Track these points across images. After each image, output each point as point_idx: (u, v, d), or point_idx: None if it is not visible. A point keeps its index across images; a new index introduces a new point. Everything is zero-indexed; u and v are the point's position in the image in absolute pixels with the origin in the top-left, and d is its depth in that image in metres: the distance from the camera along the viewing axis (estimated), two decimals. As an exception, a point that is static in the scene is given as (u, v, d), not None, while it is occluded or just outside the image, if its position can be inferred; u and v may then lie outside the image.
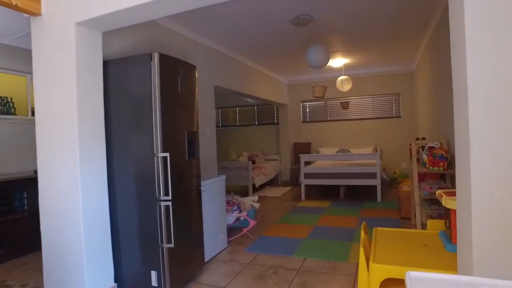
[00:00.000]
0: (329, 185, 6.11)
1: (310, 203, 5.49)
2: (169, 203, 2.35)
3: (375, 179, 5.43)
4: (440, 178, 3.45)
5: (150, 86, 2.33)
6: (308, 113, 8.23)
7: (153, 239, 2.36)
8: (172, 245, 2.36)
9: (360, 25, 4.05)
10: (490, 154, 1.14)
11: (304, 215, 4.73)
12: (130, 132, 2.43)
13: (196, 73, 2.83)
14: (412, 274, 0.96)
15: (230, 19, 3.68)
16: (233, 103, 8.69)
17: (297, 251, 3.26)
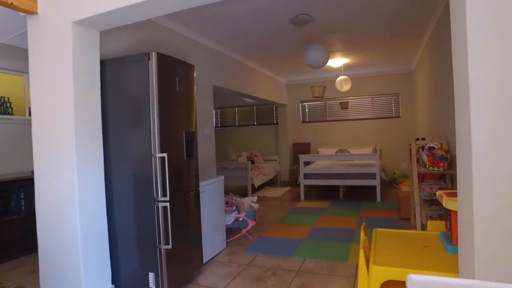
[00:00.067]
0: (328, 186, 6.09)
1: (309, 204, 5.47)
2: (167, 204, 2.33)
3: (375, 180, 5.41)
4: (440, 179, 3.43)
5: (147, 86, 2.31)
6: (307, 113, 8.21)
7: (151, 240, 2.34)
8: (170, 247, 2.34)
9: (360, 24, 4.03)
10: (493, 154, 1.12)
11: (303, 215, 4.71)
12: (127, 132, 2.40)
13: (194, 72, 2.81)
14: (413, 277, 0.95)
15: (228, 18, 3.66)
16: (232, 103, 8.67)
17: (296, 252, 3.24)
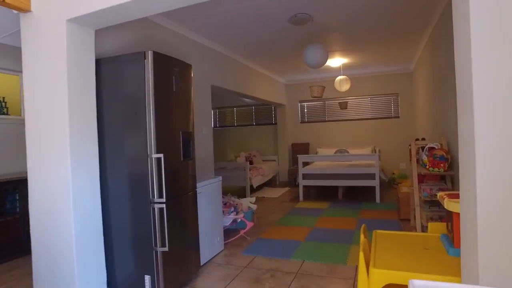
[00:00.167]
0: (327, 186, 6.06)
1: (308, 204, 5.43)
2: (163, 206, 2.29)
3: (374, 180, 5.38)
4: (440, 180, 3.40)
5: (143, 85, 2.27)
6: (306, 113, 8.18)
7: (147, 242, 2.30)
8: (166, 249, 2.30)
9: (359, 24, 4.00)
10: (497, 154, 1.09)
11: (302, 216, 4.68)
12: (123, 132, 2.36)
13: (191, 72, 2.77)
14: (415, 282, 0.92)
15: (227, 17, 3.62)
16: (231, 103, 8.64)
17: (295, 253, 3.20)
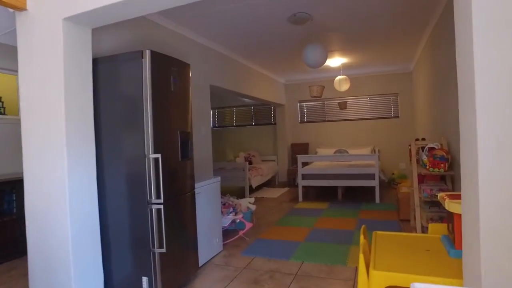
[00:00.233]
0: (327, 186, 6.04)
1: (307, 205, 5.41)
2: (161, 207, 2.26)
3: (374, 180, 5.36)
4: (440, 180, 3.37)
5: (141, 85, 2.24)
6: (305, 113, 8.15)
7: (144, 243, 2.27)
8: (164, 250, 2.27)
9: (359, 23, 3.97)
10: (500, 153, 1.06)
11: (302, 217, 4.65)
12: (120, 132, 2.33)
13: (189, 71, 2.74)
14: (417, 286, 0.90)
15: (225, 16, 3.59)
16: (230, 103, 8.61)
17: (294, 254, 3.18)
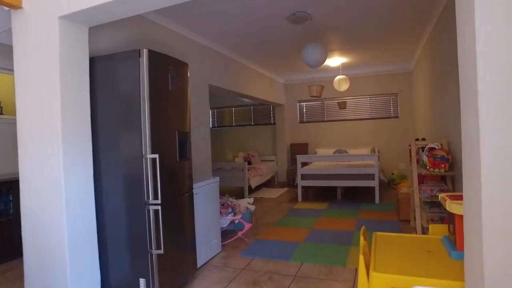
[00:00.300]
0: (326, 187, 6.01)
1: (307, 205, 5.39)
2: (158, 207, 2.23)
3: (373, 181, 5.33)
4: (440, 180, 3.35)
5: (138, 84, 2.21)
6: (305, 113, 8.13)
7: (142, 245, 2.24)
8: (161, 251, 2.25)
9: (358, 23, 3.95)
10: (504, 153, 1.03)
11: (301, 217, 4.63)
12: (117, 132, 2.31)
13: (188, 71, 2.72)
14: (419, 290, 0.88)
15: (224, 16, 3.57)
16: (229, 103, 8.58)
17: (293, 255, 3.15)
